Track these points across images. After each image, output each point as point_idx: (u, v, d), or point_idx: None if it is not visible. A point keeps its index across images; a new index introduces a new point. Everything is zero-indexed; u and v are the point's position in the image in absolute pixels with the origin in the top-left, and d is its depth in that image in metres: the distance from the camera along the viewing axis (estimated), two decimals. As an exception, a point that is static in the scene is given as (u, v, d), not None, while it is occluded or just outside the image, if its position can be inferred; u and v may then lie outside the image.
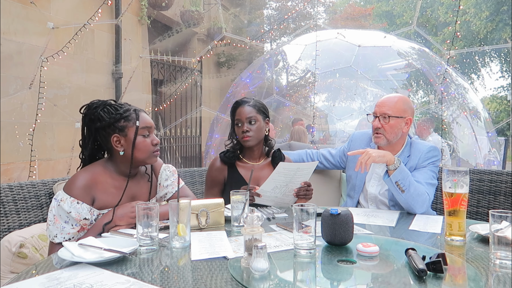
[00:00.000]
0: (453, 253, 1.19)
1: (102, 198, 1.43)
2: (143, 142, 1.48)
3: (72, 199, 1.37)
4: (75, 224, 1.38)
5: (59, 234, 1.37)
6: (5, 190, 1.75)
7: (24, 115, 3.81)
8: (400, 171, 1.73)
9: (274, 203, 1.83)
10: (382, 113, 1.89)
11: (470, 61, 13.87)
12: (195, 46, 7.55)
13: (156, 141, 1.52)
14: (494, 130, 5.47)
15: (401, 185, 1.72)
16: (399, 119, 1.88)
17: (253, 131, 1.89)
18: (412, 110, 1.95)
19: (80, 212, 1.37)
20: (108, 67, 5.05)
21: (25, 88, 3.81)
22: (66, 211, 1.36)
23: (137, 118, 1.48)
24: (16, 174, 3.71)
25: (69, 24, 4.23)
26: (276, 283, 0.97)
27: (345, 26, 8.96)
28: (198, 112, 7.04)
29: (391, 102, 1.91)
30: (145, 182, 1.59)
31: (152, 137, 1.52)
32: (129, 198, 1.50)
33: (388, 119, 1.87)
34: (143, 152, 1.48)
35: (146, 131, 1.50)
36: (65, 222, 1.37)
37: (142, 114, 1.52)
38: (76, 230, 1.39)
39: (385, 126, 1.88)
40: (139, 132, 1.48)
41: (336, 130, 5.85)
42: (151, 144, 1.50)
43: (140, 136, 1.48)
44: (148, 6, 5.75)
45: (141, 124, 1.48)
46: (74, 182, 1.40)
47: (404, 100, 1.94)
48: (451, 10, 10.76)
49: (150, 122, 1.52)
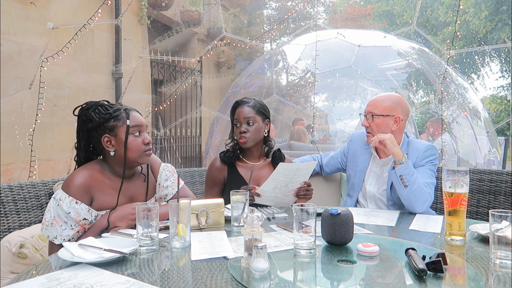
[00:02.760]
0: (453, 252, 1.19)
1: (100, 198, 1.43)
2: (134, 141, 1.47)
3: (71, 199, 1.36)
4: (74, 225, 1.37)
5: (59, 236, 1.37)
6: (5, 190, 1.75)
7: (24, 116, 3.81)
8: (406, 166, 1.76)
9: (274, 203, 1.83)
10: (368, 112, 1.93)
11: (470, 61, 13.87)
12: (195, 46, 7.54)
13: (147, 140, 1.49)
14: (494, 130, 5.47)
15: (405, 180, 1.74)
16: (385, 117, 1.89)
17: (250, 132, 1.88)
18: (403, 108, 1.94)
19: (79, 212, 1.37)
20: (108, 67, 5.05)
21: (25, 88, 3.81)
22: (65, 211, 1.36)
23: (127, 117, 1.46)
24: (16, 174, 3.71)
25: (69, 24, 4.23)
26: (276, 283, 0.97)
27: (345, 26, 8.96)
28: (198, 112, 7.03)
29: (378, 101, 1.93)
30: (143, 182, 1.58)
31: (144, 136, 1.50)
32: (126, 198, 1.50)
33: (372, 118, 1.90)
34: (134, 151, 1.47)
35: (137, 130, 1.48)
36: (64, 222, 1.37)
37: (133, 113, 1.50)
38: (76, 231, 1.38)
39: (372, 125, 1.91)
40: (130, 131, 1.46)
41: (336, 130, 5.84)
42: (142, 143, 1.48)
43: (131, 135, 1.46)
44: (148, 6, 5.74)
45: (131, 123, 1.46)
46: (73, 180, 1.39)
47: (393, 98, 1.95)
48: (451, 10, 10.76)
49: (140, 121, 1.50)
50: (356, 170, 2.04)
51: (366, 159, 2.03)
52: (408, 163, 1.78)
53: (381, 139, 1.82)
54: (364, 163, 2.02)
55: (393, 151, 1.80)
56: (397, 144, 1.83)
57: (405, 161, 1.77)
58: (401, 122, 1.91)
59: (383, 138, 1.82)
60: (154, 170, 1.64)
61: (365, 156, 2.04)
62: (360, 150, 2.06)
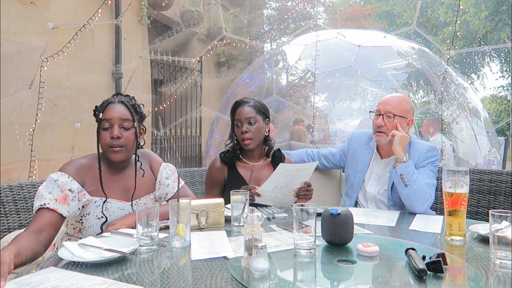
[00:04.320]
0: (453, 253, 1.19)
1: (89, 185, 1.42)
2: (102, 135, 1.44)
3: (63, 173, 1.37)
4: (58, 193, 1.33)
5: (42, 199, 1.31)
6: (5, 190, 1.75)
7: (24, 115, 3.81)
8: (407, 165, 1.77)
9: (274, 203, 1.83)
10: (386, 111, 1.89)
11: (470, 61, 13.88)
12: (195, 46, 7.54)
13: (112, 135, 1.41)
14: (494, 130, 5.47)
15: (405, 179, 1.75)
16: (402, 119, 1.89)
17: (252, 132, 1.88)
18: (413, 111, 1.97)
19: (67, 182, 1.36)
20: (108, 67, 5.05)
21: (25, 88, 3.81)
22: (53, 179, 1.35)
23: (102, 110, 1.45)
24: (16, 174, 3.71)
25: (69, 24, 4.23)
26: (276, 283, 0.97)
27: (345, 26, 8.96)
28: (198, 112, 7.03)
29: (396, 102, 1.91)
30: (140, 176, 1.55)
31: (111, 130, 1.43)
32: (121, 190, 1.49)
33: (392, 118, 1.88)
34: (101, 145, 1.45)
35: (106, 123, 1.43)
36: (49, 193, 1.33)
37: (110, 105, 1.45)
38: (54, 198, 1.32)
39: (388, 125, 1.89)
40: (101, 125, 1.44)
41: (336, 130, 5.84)
42: (108, 137, 1.43)
43: (102, 129, 1.44)
44: (148, 6, 5.75)
45: (102, 116, 1.44)
46: (70, 163, 1.42)
47: (407, 100, 1.96)
48: (451, 10, 10.76)
49: (111, 114, 1.43)
50: (355, 170, 2.04)
51: (366, 159, 2.02)
52: (409, 162, 1.78)
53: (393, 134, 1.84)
54: (364, 163, 2.02)
55: (396, 149, 1.81)
56: (405, 145, 1.85)
57: (406, 160, 1.78)
58: (412, 125, 1.94)
59: (395, 134, 1.84)
60: (154, 168, 1.63)
61: (366, 156, 2.03)
62: (360, 150, 2.06)
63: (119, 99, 1.48)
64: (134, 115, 1.47)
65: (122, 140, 1.43)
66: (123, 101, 1.48)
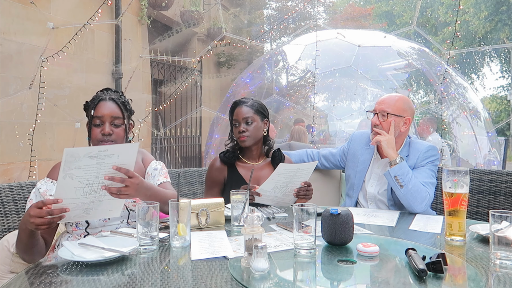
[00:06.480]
0: (453, 253, 1.19)
1: None
2: (93, 131, 1.47)
3: (48, 179, 1.41)
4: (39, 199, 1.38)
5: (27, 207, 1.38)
6: (5, 190, 1.75)
7: (24, 115, 3.81)
8: (400, 166, 1.78)
9: (274, 203, 1.83)
10: (381, 110, 1.91)
11: (470, 61, 13.87)
12: (195, 46, 7.54)
13: (104, 132, 1.45)
14: (494, 130, 5.47)
15: (400, 180, 1.76)
16: (397, 117, 1.89)
17: (249, 131, 1.89)
18: (412, 111, 1.96)
19: (49, 188, 1.40)
20: (108, 67, 5.05)
21: (25, 88, 3.81)
22: (38, 188, 1.39)
23: (93, 107, 1.46)
24: (16, 174, 3.71)
25: (69, 24, 4.23)
26: (276, 283, 0.97)
27: (345, 26, 8.96)
28: (198, 112, 7.03)
29: (391, 101, 1.92)
30: None
31: (103, 127, 1.46)
32: None
33: (386, 117, 1.88)
34: (92, 141, 1.47)
35: (98, 120, 1.46)
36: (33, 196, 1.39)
37: (101, 103, 1.48)
38: None
39: (383, 123, 1.89)
40: (93, 121, 1.46)
41: (336, 130, 5.84)
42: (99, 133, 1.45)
43: (93, 125, 1.47)
44: (148, 6, 5.74)
45: (94, 113, 1.46)
46: (57, 166, 1.44)
47: (404, 100, 1.95)
48: (451, 10, 10.76)
49: (103, 112, 1.46)
50: (356, 170, 2.04)
51: (367, 160, 2.02)
52: (403, 163, 1.79)
53: (377, 140, 1.85)
54: (364, 164, 2.02)
55: (387, 152, 1.83)
56: (394, 146, 1.85)
57: (399, 161, 1.79)
58: (409, 124, 1.93)
59: (379, 140, 1.85)
60: (145, 161, 1.65)
61: (366, 156, 2.03)
62: (360, 150, 2.06)
63: (109, 97, 1.51)
64: (124, 113, 1.51)
65: (113, 137, 1.47)
66: (114, 98, 1.51)
